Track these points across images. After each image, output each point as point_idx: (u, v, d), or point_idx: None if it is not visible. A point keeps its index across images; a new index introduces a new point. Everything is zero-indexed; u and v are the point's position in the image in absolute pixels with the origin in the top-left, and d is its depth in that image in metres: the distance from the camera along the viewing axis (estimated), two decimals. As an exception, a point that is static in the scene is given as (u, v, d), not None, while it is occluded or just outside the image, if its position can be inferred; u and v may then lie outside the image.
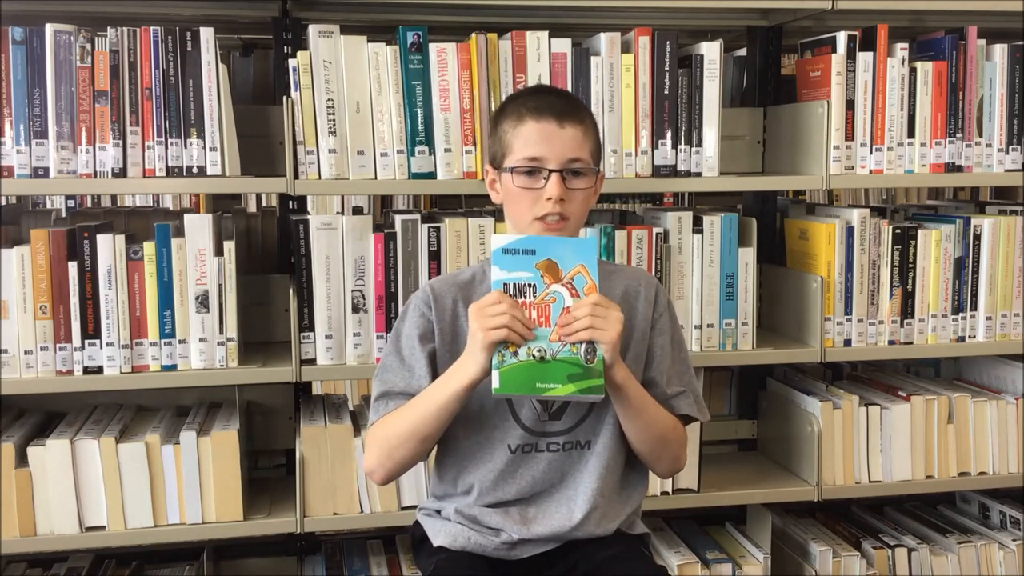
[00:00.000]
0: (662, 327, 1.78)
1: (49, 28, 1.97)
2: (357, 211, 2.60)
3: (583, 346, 1.55)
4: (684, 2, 2.27)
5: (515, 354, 1.54)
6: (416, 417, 1.63)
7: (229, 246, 2.06)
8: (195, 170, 2.03)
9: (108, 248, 2.02)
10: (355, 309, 2.12)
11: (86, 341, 2.03)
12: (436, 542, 1.73)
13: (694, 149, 2.22)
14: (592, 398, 1.59)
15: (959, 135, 2.33)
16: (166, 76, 2.01)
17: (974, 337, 2.38)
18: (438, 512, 1.78)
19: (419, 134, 2.10)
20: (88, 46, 1.98)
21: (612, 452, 1.73)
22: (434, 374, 1.68)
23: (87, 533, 2.07)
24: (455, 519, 1.73)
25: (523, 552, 1.70)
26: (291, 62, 2.08)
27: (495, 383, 1.54)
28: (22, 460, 2.06)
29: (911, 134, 2.30)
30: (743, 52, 2.65)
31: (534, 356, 1.54)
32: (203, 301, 2.06)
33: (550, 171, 1.65)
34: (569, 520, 1.70)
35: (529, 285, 1.56)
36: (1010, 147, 2.36)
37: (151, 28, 2.00)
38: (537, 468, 1.72)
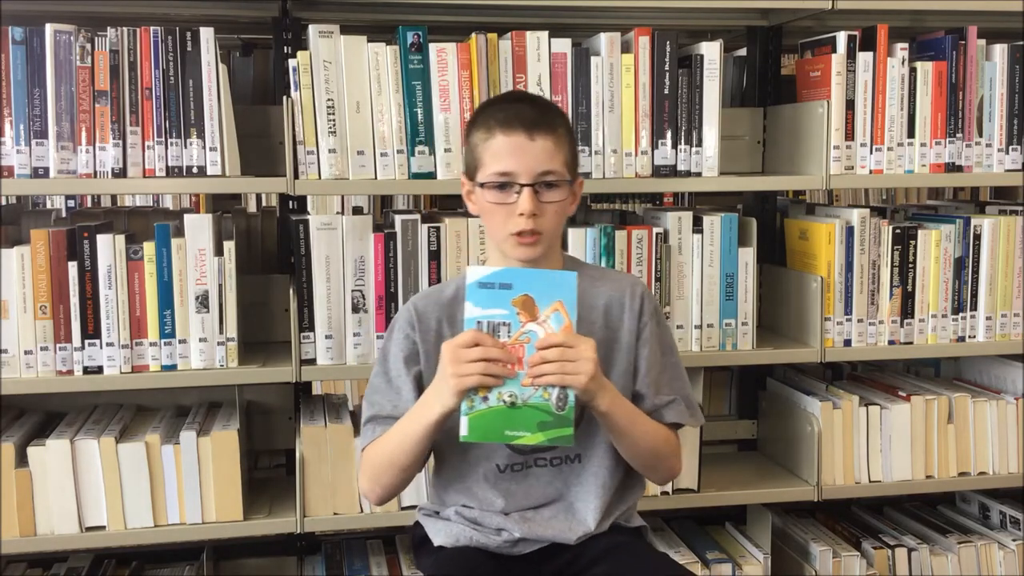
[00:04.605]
0: (647, 337, 1.75)
1: (49, 28, 1.97)
2: (357, 211, 2.60)
3: (555, 390, 1.52)
4: (684, 2, 2.27)
5: (485, 399, 1.51)
6: (393, 448, 1.65)
7: (229, 246, 2.06)
8: (195, 170, 2.03)
9: (108, 248, 2.02)
10: (355, 309, 2.12)
11: (86, 341, 2.03)
12: (437, 541, 1.73)
13: (694, 149, 2.22)
14: (561, 445, 1.58)
15: (959, 135, 2.33)
16: (166, 76, 2.01)
17: (974, 337, 2.38)
18: (437, 513, 1.78)
19: (419, 134, 2.10)
20: (88, 46, 1.98)
21: (609, 468, 1.73)
22: (420, 396, 1.67)
23: (87, 533, 2.07)
24: (455, 519, 1.73)
25: (525, 548, 1.71)
26: (291, 62, 2.08)
27: (463, 430, 1.52)
28: (22, 460, 2.06)
29: (911, 134, 2.30)
30: (743, 52, 2.65)
31: (504, 401, 1.51)
32: (203, 301, 2.06)
33: (521, 186, 1.61)
34: (570, 532, 1.70)
35: (504, 323, 1.52)
36: (1010, 147, 2.36)
37: (151, 28, 2.00)
38: (529, 484, 1.72)
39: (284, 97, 2.07)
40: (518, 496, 1.71)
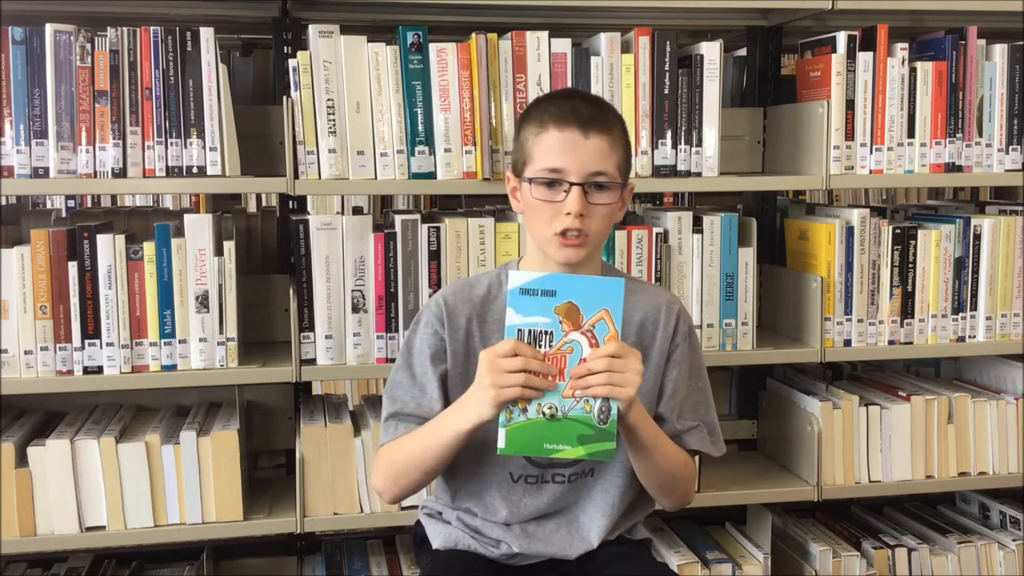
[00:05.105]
0: (677, 359, 1.71)
1: (49, 28, 1.97)
2: (357, 211, 2.60)
3: (597, 403, 1.47)
4: (684, 2, 2.27)
5: (524, 411, 1.46)
6: (419, 451, 1.60)
7: (229, 246, 2.06)
8: (195, 170, 2.03)
9: (108, 248, 2.02)
10: (355, 309, 2.12)
11: (86, 341, 2.03)
12: (435, 544, 1.73)
13: (694, 149, 2.22)
14: (601, 460, 1.54)
15: (959, 135, 2.33)
16: (166, 76, 2.01)
17: (974, 337, 2.38)
18: (440, 514, 1.77)
19: (419, 134, 2.10)
20: (88, 46, 1.98)
21: (620, 488, 1.70)
22: (445, 396, 1.64)
23: (87, 533, 2.07)
24: (456, 524, 1.72)
25: (523, 560, 1.70)
26: (291, 62, 2.08)
27: (501, 443, 1.47)
28: (22, 460, 2.06)
29: (911, 134, 2.30)
30: (743, 52, 2.65)
31: (544, 414, 1.46)
32: (203, 301, 2.06)
33: (571, 184, 1.56)
34: (571, 549, 1.69)
35: (546, 332, 1.46)
36: (1010, 147, 2.36)
37: (151, 28, 2.00)
38: (541, 498, 1.69)
39: (284, 97, 2.07)
40: (525, 509, 1.68)
